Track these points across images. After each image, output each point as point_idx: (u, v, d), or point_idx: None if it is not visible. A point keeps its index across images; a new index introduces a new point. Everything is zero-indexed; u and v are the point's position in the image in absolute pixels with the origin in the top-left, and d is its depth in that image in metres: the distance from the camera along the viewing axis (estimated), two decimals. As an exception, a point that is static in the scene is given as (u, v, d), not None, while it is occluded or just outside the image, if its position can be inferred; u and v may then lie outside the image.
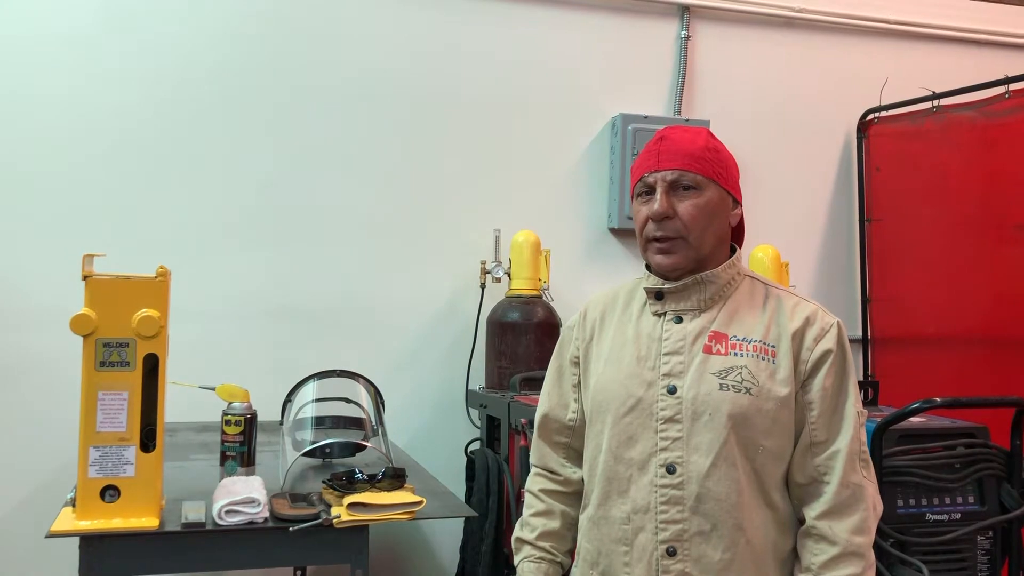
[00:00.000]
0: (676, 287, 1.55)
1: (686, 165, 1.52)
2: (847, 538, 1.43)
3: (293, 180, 3.17)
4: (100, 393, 1.75)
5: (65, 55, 2.98)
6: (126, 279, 1.78)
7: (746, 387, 1.47)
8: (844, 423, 1.48)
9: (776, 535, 1.50)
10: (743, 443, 1.47)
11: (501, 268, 3.21)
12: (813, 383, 1.49)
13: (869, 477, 1.48)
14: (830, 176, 3.75)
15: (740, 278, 1.58)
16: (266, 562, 1.85)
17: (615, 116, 3.44)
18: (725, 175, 1.55)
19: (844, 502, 1.45)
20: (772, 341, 1.51)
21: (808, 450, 1.48)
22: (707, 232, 1.52)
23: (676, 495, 1.47)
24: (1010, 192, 3.09)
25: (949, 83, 3.34)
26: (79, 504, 1.76)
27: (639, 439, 1.51)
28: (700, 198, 1.51)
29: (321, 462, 2.40)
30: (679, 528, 1.47)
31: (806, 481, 1.48)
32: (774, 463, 1.49)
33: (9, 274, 2.92)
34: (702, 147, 1.53)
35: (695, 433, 1.48)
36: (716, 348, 1.51)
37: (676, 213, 1.51)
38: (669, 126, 1.60)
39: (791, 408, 1.49)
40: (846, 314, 3.73)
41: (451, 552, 3.13)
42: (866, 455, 1.49)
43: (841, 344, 1.51)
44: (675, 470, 1.48)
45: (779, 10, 3.63)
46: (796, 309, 1.53)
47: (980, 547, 2.33)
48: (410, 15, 3.28)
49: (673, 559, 1.47)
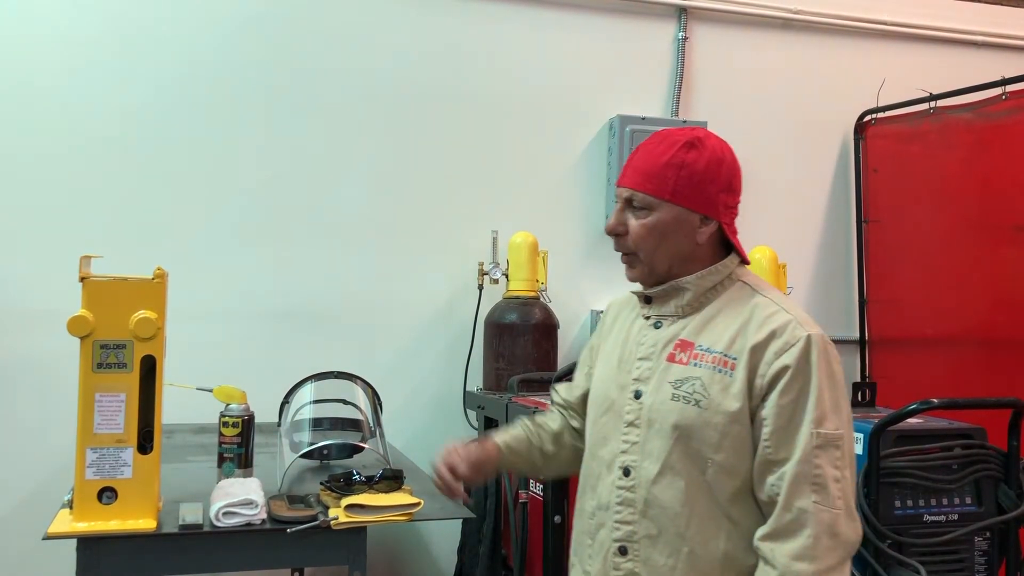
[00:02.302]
0: (658, 292, 1.55)
1: (638, 185, 1.50)
2: (786, 563, 1.37)
3: (291, 181, 3.17)
4: (97, 395, 1.75)
5: (65, 55, 2.98)
6: (123, 280, 1.78)
7: (695, 399, 1.46)
8: (796, 444, 1.40)
9: (731, 548, 1.45)
10: (690, 455, 1.46)
11: (499, 269, 3.21)
12: (769, 399, 1.42)
13: (824, 502, 1.38)
14: (827, 177, 3.76)
15: (729, 283, 1.54)
16: (264, 564, 1.85)
17: (613, 117, 3.44)
18: (687, 193, 1.48)
19: (786, 526, 1.39)
20: (735, 353, 1.46)
21: (764, 468, 1.43)
22: (658, 252, 1.51)
23: (629, 497, 1.50)
24: (1007, 193, 3.09)
25: (946, 85, 3.34)
26: (76, 506, 1.76)
27: (609, 440, 1.55)
28: (648, 219, 1.50)
29: (319, 464, 2.40)
30: (630, 529, 1.50)
31: (765, 499, 1.44)
32: (727, 478, 1.45)
33: (7, 275, 2.92)
34: (664, 164, 1.49)
35: (649, 439, 1.50)
36: (679, 357, 1.51)
37: (627, 231, 1.52)
38: (657, 132, 1.58)
39: (745, 423, 1.44)
40: (844, 315, 3.73)
41: (449, 554, 3.13)
42: (821, 479, 1.39)
43: (805, 361, 1.42)
44: (630, 473, 1.51)
45: (776, 12, 3.64)
46: (767, 320, 1.46)
47: (977, 548, 2.33)
48: (408, 16, 3.28)
49: (624, 558, 1.50)
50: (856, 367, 3.70)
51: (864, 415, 2.51)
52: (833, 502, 1.39)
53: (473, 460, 1.66)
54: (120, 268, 1.81)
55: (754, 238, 3.50)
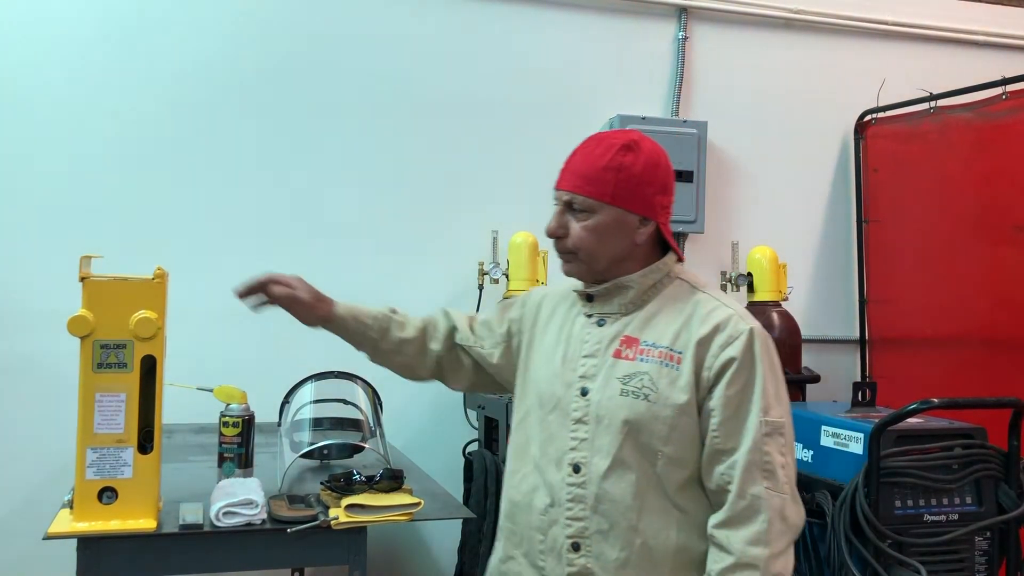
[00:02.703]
0: (600, 290, 1.59)
1: (577, 188, 1.54)
2: (741, 548, 1.42)
3: (291, 181, 3.17)
4: (97, 395, 1.75)
5: (65, 56, 2.98)
6: (123, 280, 1.78)
7: (644, 394, 1.50)
8: (745, 433, 1.46)
9: (684, 538, 1.50)
10: (641, 448, 1.50)
11: (499, 269, 3.21)
12: (716, 391, 1.48)
13: (775, 488, 1.45)
14: (827, 177, 3.76)
15: (669, 280, 1.59)
16: (264, 564, 1.85)
17: (613, 117, 3.44)
18: (626, 195, 1.53)
19: (741, 513, 1.44)
20: (680, 347, 1.51)
21: (713, 458, 1.48)
22: (599, 253, 1.55)
23: (580, 494, 1.52)
24: (1007, 193, 3.09)
25: (946, 84, 3.34)
26: (77, 506, 1.76)
27: (557, 437, 1.57)
28: (589, 221, 1.54)
29: (319, 463, 2.40)
30: (582, 525, 1.52)
31: (715, 488, 1.49)
32: (677, 469, 1.50)
33: (7, 275, 2.92)
34: (602, 168, 1.53)
35: (598, 435, 1.52)
36: (625, 353, 1.54)
37: (567, 233, 1.56)
38: (589, 136, 1.61)
39: (692, 415, 1.49)
40: (844, 315, 3.73)
41: (449, 553, 3.13)
42: (771, 465, 1.45)
43: (749, 352, 1.48)
44: (580, 469, 1.53)
45: (777, 11, 3.63)
46: (710, 315, 1.53)
47: (978, 548, 2.34)
48: (408, 17, 3.28)
49: (577, 554, 1.52)
50: (856, 367, 3.70)
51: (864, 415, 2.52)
52: (782, 487, 1.46)
53: (307, 287, 1.74)
54: (120, 268, 1.81)
55: (754, 238, 3.51)
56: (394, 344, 1.79)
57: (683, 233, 3.51)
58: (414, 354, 1.81)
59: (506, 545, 1.65)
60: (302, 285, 1.76)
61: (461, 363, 1.83)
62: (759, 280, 3.33)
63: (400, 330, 1.79)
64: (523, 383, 1.69)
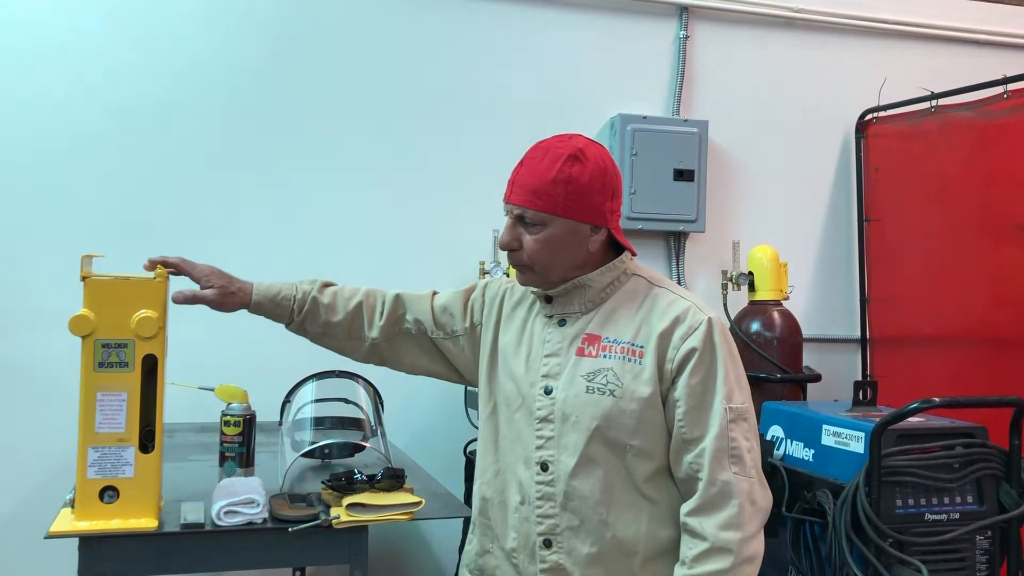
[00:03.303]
0: (559, 291, 1.60)
1: (528, 202, 1.55)
2: (714, 533, 1.46)
3: (291, 180, 3.17)
4: (99, 394, 1.75)
5: (66, 55, 2.98)
6: (125, 280, 1.78)
7: (610, 389, 1.52)
8: (711, 420, 1.49)
9: (653, 527, 1.53)
10: (609, 444, 1.52)
11: (499, 268, 3.21)
12: (679, 381, 1.51)
13: (743, 472, 1.48)
14: (828, 176, 3.76)
15: (626, 278, 1.62)
16: (265, 563, 1.85)
17: (614, 116, 3.44)
18: (576, 206, 1.54)
19: (712, 499, 1.47)
20: (641, 341, 1.54)
21: (681, 447, 1.51)
22: (553, 263, 1.57)
23: (549, 491, 1.55)
24: (1008, 192, 3.09)
25: (947, 83, 3.34)
26: (78, 505, 1.76)
27: (524, 436, 1.59)
28: (542, 234, 1.55)
29: (320, 463, 2.40)
30: (552, 523, 1.55)
31: (683, 477, 1.52)
32: (645, 461, 1.53)
33: (7, 275, 2.92)
34: (551, 181, 1.54)
35: (564, 433, 1.54)
36: (588, 351, 1.57)
37: (521, 246, 1.57)
38: (534, 146, 1.62)
39: (657, 407, 1.52)
40: (845, 314, 3.73)
41: (450, 553, 3.13)
42: (738, 450, 1.49)
43: (709, 341, 1.51)
44: (548, 468, 1.56)
45: (778, 10, 3.63)
46: (669, 308, 1.56)
47: (979, 547, 2.34)
48: (407, 14, 3.28)
49: (549, 550, 1.55)
50: (857, 366, 3.70)
51: (865, 414, 2.52)
52: (749, 471, 1.49)
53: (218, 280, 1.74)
54: (121, 268, 1.81)
55: (755, 237, 3.51)
56: (321, 327, 1.79)
57: (684, 232, 3.51)
58: (344, 338, 1.80)
59: (482, 539, 1.68)
60: (212, 279, 1.75)
61: (403, 349, 1.81)
62: (760, 279, 3.33)
63: (329, 313, 1.78)
64: (488, 380, 1.70)
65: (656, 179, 3.40)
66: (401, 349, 1.82)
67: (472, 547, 1.71)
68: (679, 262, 3.53)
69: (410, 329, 1.80)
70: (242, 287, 1.76)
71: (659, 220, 3.42)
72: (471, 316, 1.77)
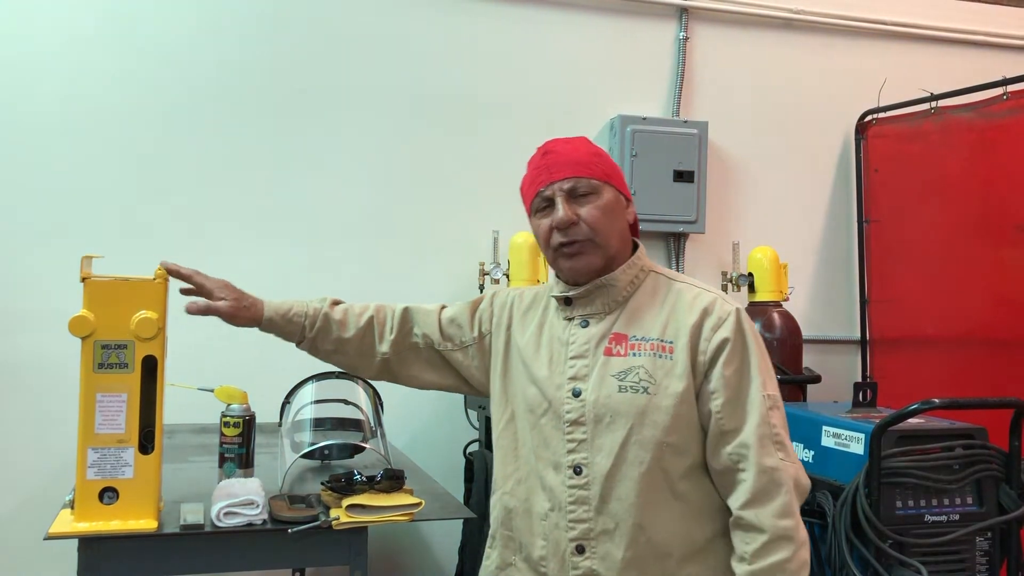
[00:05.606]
0: (580, 293, 1.59)
1: (578, 172, 1.57)
2: (773, 523, 1.44)
3: (292, 181, 3.17)
4: (98, 395, 1.75)
5: (66, 55, 2.98)
6: (124, 281, 1.78)
7: (643, 387, 1.51)
8: (750, 409, 1.48)
9: (687, 527, 1.51)
10: (645, 442, 1.50)
11: (500, 269, 3.21)
12: (714, 373, 1.50)
13: (787, 458, 1.48)
14: (828, 177, 3.76)
15: (644, 274, 1.62)
16: (265, 564, 1.85)
17: (614, 117, 3.44)
18: (615, 176, 1.61)
19: (764, 488, 1.45)
20: (670, 337, 1.54)
21: (719, 439, 1.50)
22: (611, 231, 1.57)
23: (583, 495, 1.52)
24: (1008, 193, 3.09)
25: (947, 84, 3.34)
26: (77, 506, 1.76)
27: (552, 440, 1.56)
28: (599, 200, 1.56)
29: (320, 464, 2.40)
30: (586, 527, 1.52)
31: (722, 469, 1.50)
32: (679, 458, 1.51)
33: (7, 275, 2.92)
34: (587, 153, 1.60)
35: (598, 435, 1.52)
36: (616, 350, 1.55)
37: (580, 218, 1.55)
38: (549, 140, 1.66)
39: (691, 402, 1.51)
40: (845, 315, 3.73)
41: (450, 554, 3.13)
42: (780, 436, 1.48)
43: (740, 331, 1.52)
44: (581, 471, 1.53)
45: (777, 12, 3.63)
46: (695, 302, 1.56)
47: (979, 548, 2.34)
48: (408, 15, 3.28)
49: (582, 556, 1.52)
50: (857, 367, 3.70)
51: (865, 415, 2.52)
52: (792, 456, 1.49)
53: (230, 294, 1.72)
54: (121, 268, 1.81)
55: (755, 238, 3.51)
56: (333, 344, 1.77)
57: (684, 233, 3.51)
58: (355, 354, 1.79)
59: (503, 552, 1.64)
60: (224, 293, 1.72)
61: (413, 364, 1.80)
62: (760, 280, 3.33)
63: (341, 329, 1.77)
64: (503, 388, 1.68)
65: (656, 180, 3.40)
66: (411, 364, 1.79)
67: (491, 562, 1.67)
68: (679, 263, 3.53)
69: (418, 343, 1.78)
70: (255, 303, 1.75)
71: (659, 221, 3.42)
72: (479, 326, 1.75)
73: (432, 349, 1.78)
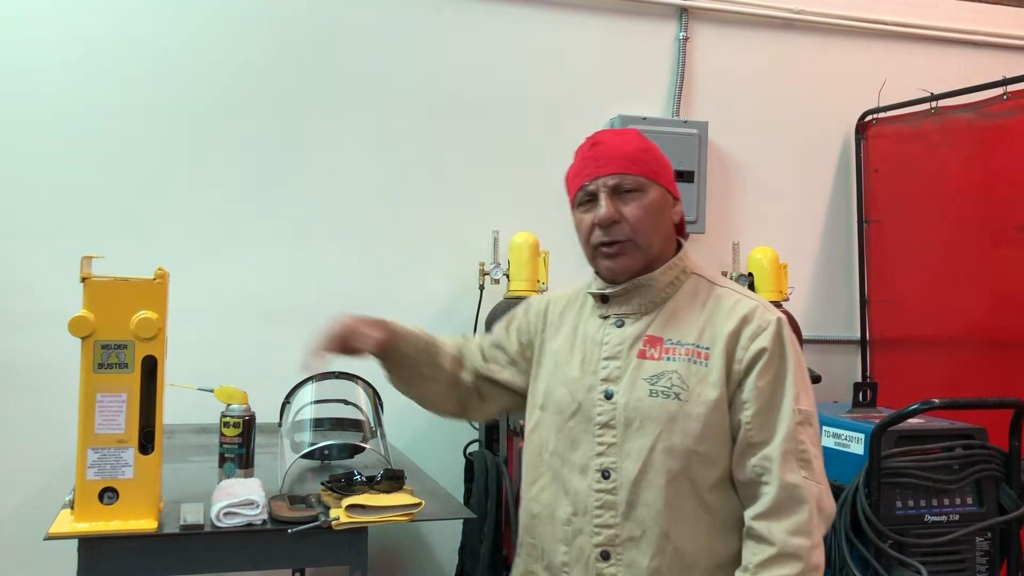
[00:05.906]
0: (617, 291, 1.55)
1: (625, 168, 1.52)
2: (784, 539, 1.39)
3: (291, 181, 3.17)
4: (98, 395, 1.75)
5: (66, 55, 2.98)
6: (124, 281, 1.78)
7: (675, 392, 1.47)
8: (779, 422, 1.44)
9: (713, 540, 1.47)
10: (673, 450, 1.46)
11: (500, 269, 3.20)
12: (747, 382, 1.46)
13: (812, 477, 1.43)
14: (828, 177, 3.76)
15: (685, 276, 1.58)
16: (265, 564, 1.85)
17: (614, 117, 3.44)
18: (663, 173, 1.55)
19: (782, 503, 1.41)
20: (706, 343, 1.49)
21: (746, 450, 1.45)
22: (655, 232, 1.54)
23: (610, 500, 1.48)
24: (1008, 193, 3.09)
25: (947, 84, 3.34)
26: (77, 506, 1.76)
27: (580, 443, 1.52)
28: (644, 199, 1.52)
29: (320, 464, 2.40)
30: (612, 533, 1.48)
31: (746, 480, 1.46)
32: (708, 467, 1.46)
33: (7, 275, 2.92)
34: (637, 148, 1.54)
35: (627, 439, 1.48)
36: (650, 353, 1.51)
37: (623, 216, 1.52)
38: (599, 131, 1.62)
39: (723, 411, 1.46)
40: (844, 315, 3.73)
41: (450, 553, 3.13)
42: (807, 454, 1.43)
43: (779, 342, 1.47)
44: (609, 475, 1.49)
45: (777, 12, 3.63)
46: (735, 308, 1.51)
47: (979, 548, 2.34)
48: (407, 16, 3.28)
49: (607, 563, 1.48)
50: (857, 367, 3.70)
51: (865, 415, 2.52)
52: (818, 476, 1.44)
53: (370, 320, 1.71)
54: (121, 268, 1.81)
55: (755, 238, 3.51)
56: (433, 372, 1.74)
57: (684, 233, 3.50)
58: (447, 384, 1.76)
59: (526, 560, 1.61)
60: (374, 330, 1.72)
61: (484, 394, 1.78)
62: (760, 280, 3.33)
63: (441, 357, 1.74)
64: (534, 391, 1.65)
65: (656, 180, 3.39)
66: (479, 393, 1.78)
67: (516, 571, 1.65)
68: (679, 263, 3.52)
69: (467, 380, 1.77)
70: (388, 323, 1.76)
71: (659, 221, 3.42)
72: (519, 338, 1.72)
73: (481, 378, 1.76)
